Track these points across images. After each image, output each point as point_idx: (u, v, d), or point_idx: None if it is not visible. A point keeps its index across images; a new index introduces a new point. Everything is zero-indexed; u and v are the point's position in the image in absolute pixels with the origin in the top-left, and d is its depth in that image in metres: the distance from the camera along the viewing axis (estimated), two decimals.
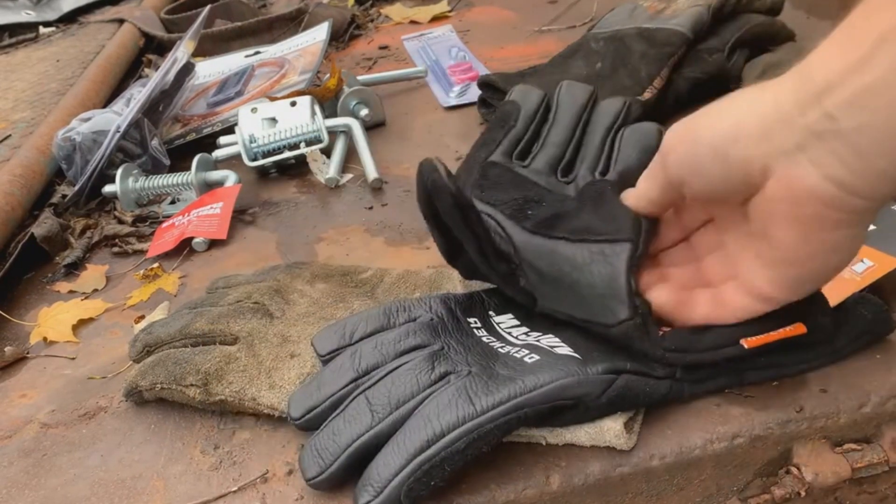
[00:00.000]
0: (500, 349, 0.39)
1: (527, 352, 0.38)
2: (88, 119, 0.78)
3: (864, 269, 0.44)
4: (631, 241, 0.37)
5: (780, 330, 0.37)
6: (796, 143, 0.30)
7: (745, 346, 0.36)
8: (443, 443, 0.34)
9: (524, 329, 0.41)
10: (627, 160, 0.48)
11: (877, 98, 0.27)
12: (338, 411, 0.37)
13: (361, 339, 0.41)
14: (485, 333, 0.40)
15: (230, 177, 0.71)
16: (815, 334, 0.37)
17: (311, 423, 0.38)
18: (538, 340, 0.39)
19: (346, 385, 0.38)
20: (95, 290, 0.61)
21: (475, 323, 0.41)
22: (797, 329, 0.37)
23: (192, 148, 0.79)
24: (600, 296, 0.37)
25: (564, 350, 0.38)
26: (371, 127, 0.81)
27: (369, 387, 0.38)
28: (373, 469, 0.34)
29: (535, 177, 0.48)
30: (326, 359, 0.41)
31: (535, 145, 0.50)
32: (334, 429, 0.37)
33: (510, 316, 0.42)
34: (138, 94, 0.82)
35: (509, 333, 0.41)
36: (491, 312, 0.42)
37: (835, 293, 0.41)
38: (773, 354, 0.39)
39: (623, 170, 0.47)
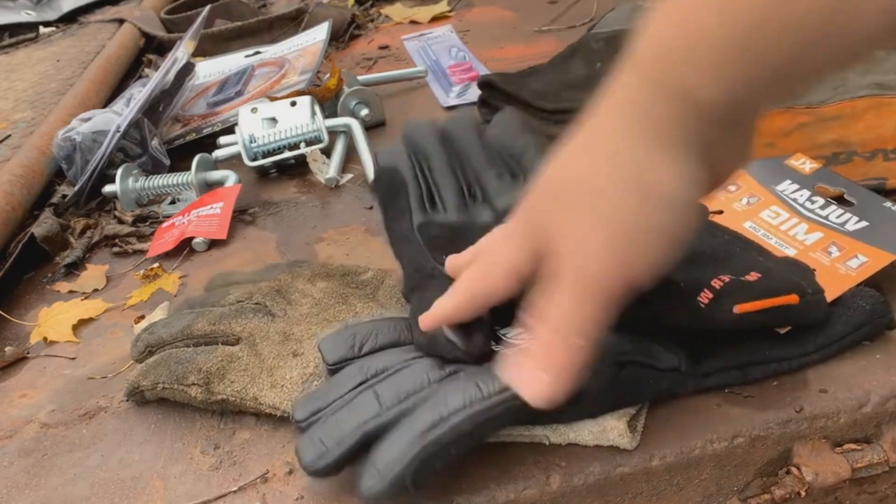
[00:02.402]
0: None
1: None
2: (88, 119, 0.78)
3: (858, 264, 0.44)
4: None
5: (772, 298, 0.37)
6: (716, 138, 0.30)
7: (737, 312, 0.36)
8: (448, 425, 0.33)
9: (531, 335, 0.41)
10: (516, 145, 0.50)
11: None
12: (342, 402, 0.37)
13: (371, 352, 0.41)
14: (493, 344, 0.40)
15: (230, 177, 0.71)
16: (808, 311, 0.38)
17: None
18: None
19: (354, 388, 0.38)
20: (95, 290, 0.61)
21: None
22: (789, 298, 0.38)
23: (192, 148, 0.79)
24: None
25: None
26: (371, 127, 0.81)
27: (377, 382, 0.37)
28: (377, 453, 0.34)
29: (461, 215, 0.48)
30: (333, 368, 0.41)
31: (432, 190, 0.50)
32: (338, 417, 0.36)
33: (516, 328, 0.42)
34: (138, 94, 0.82)
35: (517, 339, 0.41)
36: (496, 327, 0.42)
37: (831, 289, 0.41)
38: (773, 346, 0.39)
39: (525, 154, 0.49)
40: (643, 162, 0.29)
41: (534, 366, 0.32)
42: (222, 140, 0.79)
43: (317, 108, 0.75)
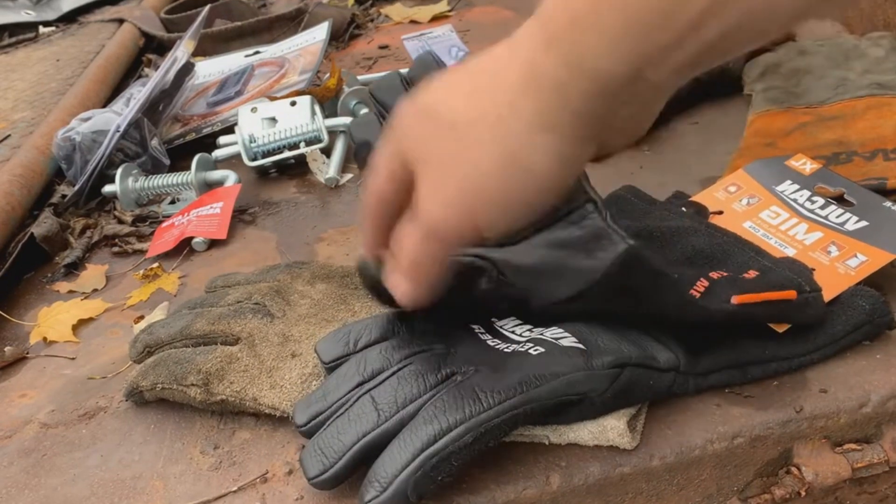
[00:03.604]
0: (505, 349, 0.39)
1: (531, 345, 0.38)
2: (88, 119, 0.78)
3: (858, 263, 0.44)
4: (589, 201, 0.37)
5: (770, 292, 0.38)
6: (631, 114, 0.30)
7: (735, 303, 0.37)
8: (450, 437, 0.34)
9: (528, 326, 0.41)
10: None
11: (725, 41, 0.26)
12: (342, 411, 0.37)
13: (366, 346, 0.41)
14: (489, 337, 0.40)
15: (230, 177, 0.71)
16: (805, 308, 0.38)
17: (316, 430, 0.38)
18: (542, 334, 0.40)
19: (352, 390, 0.38)
20: (95, 290, 0.61)
21: (479, 329, 0.41)
22: (788, 293, 0.38)
23: (191, 148, 0.79)
24: (591, 255, 0.37)
25: (569, 341, 0.38)
26: None
27: (374, 387, 0.37)
28: (379, 465, 0.34)
29: None
30: (330, 366, 0.41)
31: None
32: (338, 428, 0.36)
33: (512, 318, 0.42)
34: (138, 94, 0.82)
35: (513, 332, 0.41)
36: (493, 318, 0.42)
37: (830, 288, 0.41)
38: (773, 346, 0.39)
39: None
40: (521, 136, 0.29)
41: (398, 274, 0.35)
42: (222, 140, 0.79)
43: (317, 108, 0.75)
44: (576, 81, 0.27)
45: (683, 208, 0.51)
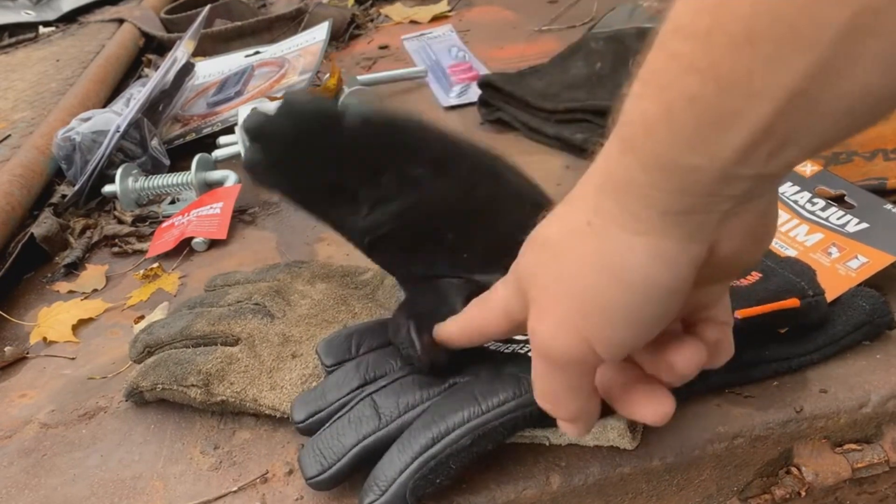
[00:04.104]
0: (504, 350, 0.39)
1: (529, 347, 0.38)
2: (88, 119, 0.78)
3: (858, 265, 0.44)
4: None
5: (774, 303, 0.38)
6: (728, 211, 0.27)
7: (738, 317, 0.36)
8: (448, 440, 0.34)
9: None
10: None
11: (804, 132, 0.24)
12: (342, 413, 0.37)
13: (368, 352, 0.41)
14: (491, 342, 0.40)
15: (230, 177, 0.71)
16: (808, 313, 0.38)
17: (314, 427, 0.38)
18: None
19: (352, 391, 0.38)
20: (95, 290, 0.61)
21: None
22: (791, 302, 0.38)
23: (191, 148, 0.79)
24: None
25: None
26: None
27: (375, 391, 0.37)
28: (378, 468, 0.34)
29: None
30: (332, 370, 0.41)
31: None
32: (339, 429, 0.37)
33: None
34: (138, 94, 0.82)
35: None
36: None
37: (831, 289, 0.41)
38: (773, 346, 0.39)
39: None
40: (613, 239, 0.27)
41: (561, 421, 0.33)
42: (222, 140, 0.79)
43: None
44: (653, 180, 0.26)
45: None
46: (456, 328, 0.36)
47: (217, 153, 0.76)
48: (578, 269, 0.28)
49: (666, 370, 0.31)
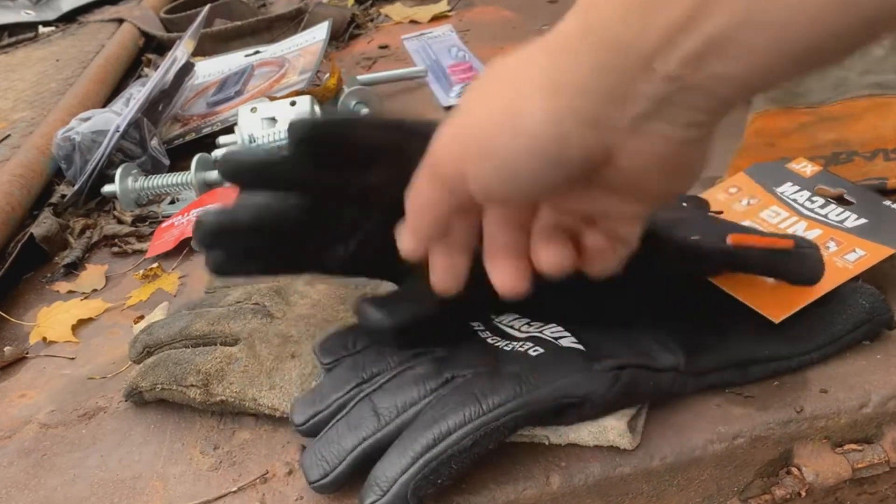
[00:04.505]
0: (504, 347, 0.39)
1: (531, 344, 0.38)
2: (88, 119, 0.78)
3: (856, 258, 0.44)
4: None
5: (767, 238, 0.39)
6: (638, 115, 0.27)
7: (731, 243, 0.37)
8: (449, 441, 0.34)
9: (526, 320, 0.41)
10: None
11: (733, 44, 0.24)
12: (341, 415, 0.37)
13: (365, 348, 0.41)
14: (489, 335, 0.40)
15: None
16: (801, 261, 0.39)
17: (314, 429, 0.38)
18: (541, 332, 0.39)
19: (350, 390, 0.38)
20: (95, 290, 0.61)
21: (478, 326, 0.41)
22: (785, 242, 0.39)
23: (191, 148, 0.79)
24: None
25: (568, 341, 0.38)
26: None
27: (373, 391, 0.37)
28: (379, 469, 0.34)
29: None
30: (329, 367, 0.41)
31: None
32: (338, 432, 0.37)
33: (511, 313, 0.42)
34: (138, 94, 0.82)
35: (512, 327, 0.41)
36: (492, 315, 0.42)
37: (828, 281, 0.41)
38: (773, 344, 0.39)
39: None
40: (522, 91, 0.29)
41: (405, 230, 0.34)
42: (222, 140, 0.79)
43: (317, 108, 0.75)
44: (587, 46, 0.27)
45: (684, 203, 0.51)
46: (406, 229, 0.35)
47: (217, 153, 0.76)
48: (485, 104, 0.30)
49: (535, 259, 0.34)
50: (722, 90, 0.26)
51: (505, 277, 0.34)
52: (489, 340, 0.40)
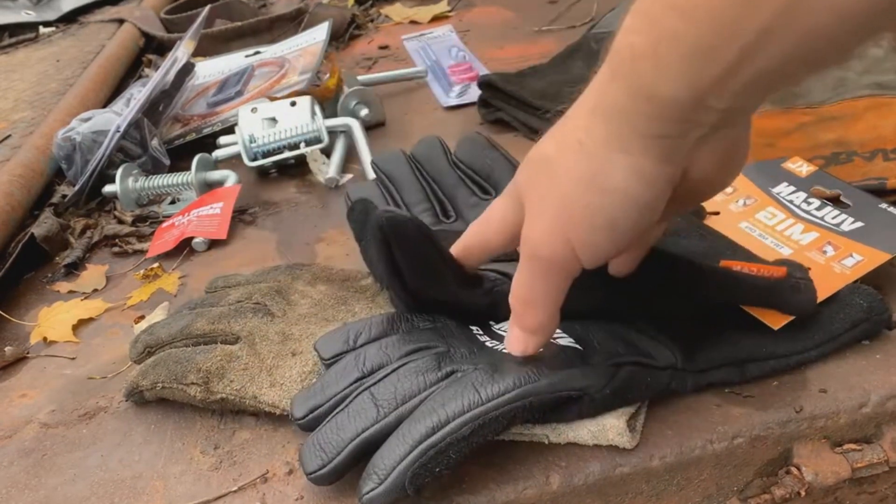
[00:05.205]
0: (504, 350, 0.39)
1: None
2: (88, 119, 0.78)
3: (853, 263, 0.44)
4: None
5: (761, 265, 0.39)
6: (702, 136, 0.31)
7: (721, 265, 0.39)
8: (448, 429, 0.33)
9: None
10: (484, 162, 0.54)
11: (777, 74, 0.28)
12: (341, 407, 0.37)
13: (366, 343, 0.41)
14: (488, 339, 0.40)
15: (230, 177, 0.71)
16: (795, 293, 0.39)
17: (314, 423, 0.38)
18: None
19: (351, 384, 0.38)
20: (95, 290, 0.61)
21: (477, 330, 0.41)
22: (776, 269, 0.39)
23: (192, 148, 0.79)
24: None
25: (566, 341, 0.39)
26: (371, 127, 0.81)
27: (374, 384, 0.37)
28: (377, 457, 0.34)
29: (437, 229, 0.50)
30: (330, 363, 0.41)
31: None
32: (338, 423, 0.36)
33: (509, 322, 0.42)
34: (138, 94, 0.82)
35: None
36: (491, 322, 0.42)
37: (826, 286, 0.41)
38: (771, 343, 0.40)
39: (493, 170, 0.53)
40: (599, 155, 0.31)
41: (513, 326, 0.37)
42: (222, 140, 0.79)
43: (317, 108, 0.75)
44: (637, 107, 0.29)
45: None
46: (458, 247, 0.39)
47: (217, 153, 0.76)
48: (569, 180, 0.32)
49: None
50: (766, 96, 0.29)
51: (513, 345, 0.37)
52: (488, 343, 0.40)
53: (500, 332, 0.41)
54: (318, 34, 0.96)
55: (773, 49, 0.26)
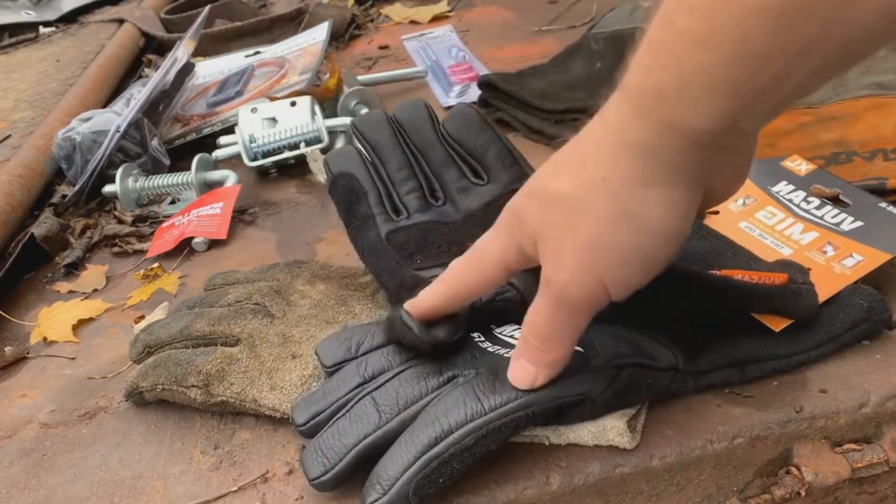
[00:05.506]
0: (505, 355, 0.39)
1: None
2: (88, 119, 0.78)
3: (854, 263, 0.44)
4: None
5: (762, 272, 0.39)
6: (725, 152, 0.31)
7: (718, 273, 0.39)
8: (451, 440, 0.34)
9: None
10: (477, 142, 0.51)
11: (797, 96, 0.28)
12: (343, 412, 0.37)
13: (368, 351, 0.41)
14: (489, 344, 0.40)
15: (230, 177, 0.71)
16: (796, 298, 0.39)
17: (315, 429, 0.38)
18: None
19: (352, 390, 0.38)
20: (95, 290, 0.61)
21: (479, 337, 0.41)
22: (778, 276, 0.39)
23: (192, 148, 0.79)
24: None
25: None
26: None
27: (375, 389, 0.37)
28: (380, 467, 0.34)
29: (424, 217, 0.49)
30: (331, 370, 0.41)
31: (392, 194, 0.50)
32: (340, 428, 0.36)
33: (511, 324, 0.42)
34: (138, 94, 0.82)
35: (512, 337, 0.41)
36: (492, 326, 0.42)
37: (826, 287, 0.41)
38: (771, 344, 0.39)
39: (487, 151, 0.51)
40: (629, 190, 0.31)
41: (521, 358, 0.36)
42: (222, 140, 0.79)
43: (317, 108, 0.75)
44: (668, 142, 0.29)
45: None
46: (442, 291, 0.38)
47: (217, 153, 0.76)
48: (597, 219, 0.31)
49: None
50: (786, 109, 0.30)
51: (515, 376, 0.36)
52: (489, 349, 0.40)
53: (500, 336, 0.41)
54: (318, 34, 0.96)
55: (809, 64, 0.26)
